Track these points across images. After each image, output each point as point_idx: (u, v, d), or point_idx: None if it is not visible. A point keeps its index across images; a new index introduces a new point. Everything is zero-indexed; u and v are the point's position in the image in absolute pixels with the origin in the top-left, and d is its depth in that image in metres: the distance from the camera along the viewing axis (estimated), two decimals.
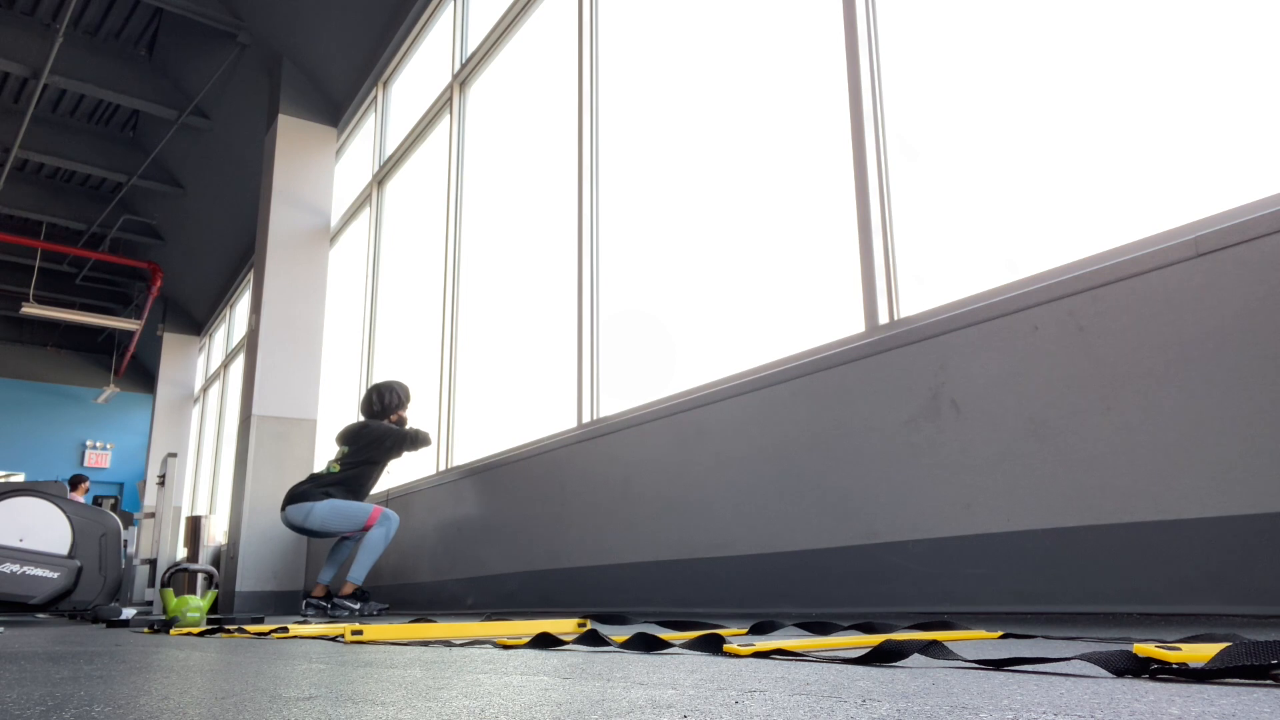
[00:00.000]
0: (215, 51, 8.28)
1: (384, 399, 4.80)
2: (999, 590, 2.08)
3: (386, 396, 4.80)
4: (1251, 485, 1.67)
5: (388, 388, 4.84)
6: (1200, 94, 1.95)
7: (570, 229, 4.24)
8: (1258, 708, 0.66)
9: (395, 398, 4.82)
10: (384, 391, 4.82)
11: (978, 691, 0.81)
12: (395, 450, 4.73)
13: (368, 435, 4.69)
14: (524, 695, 0.88)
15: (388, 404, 4.80)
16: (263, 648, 1.88)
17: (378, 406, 4.79)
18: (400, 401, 4.84)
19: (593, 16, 4.27)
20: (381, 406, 4.79)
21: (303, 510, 4.50)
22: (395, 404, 4.82)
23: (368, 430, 4.70)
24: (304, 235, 7.28)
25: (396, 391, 4.84)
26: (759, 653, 1.28)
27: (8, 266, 13.90)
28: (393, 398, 4.81)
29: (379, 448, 4.67)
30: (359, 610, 4.46)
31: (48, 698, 0.93)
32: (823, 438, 2.59)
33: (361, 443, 4.68)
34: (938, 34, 2.59)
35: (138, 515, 7.96)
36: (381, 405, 4.79)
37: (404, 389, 4.88)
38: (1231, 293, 1.73)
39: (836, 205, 2.81)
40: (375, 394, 4.82)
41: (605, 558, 3.46)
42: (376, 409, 4.79)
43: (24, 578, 4.44)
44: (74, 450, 15.71)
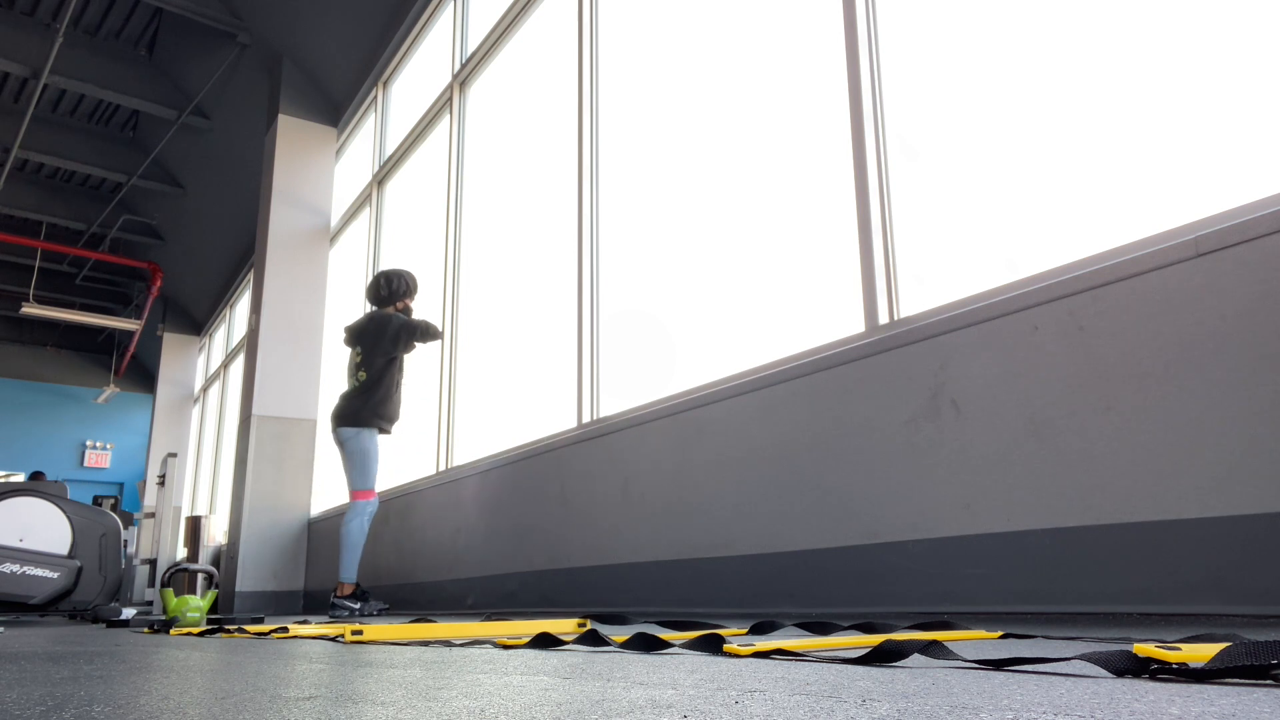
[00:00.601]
0: (215, 51, 8.28)
1: (392, 284, 4.67)
2: (999, 590, 2.08)
3: (394, 282, 4.67)
4: (1251, 485, 1.67)
5: (395, 274, 4.69)
6: (1200, 94, 1.95)
7: (570, 229, 4.24)
8: (1258, 708, 0.66)
9: (404, 284, 4.68)
10: (392, 277, 4.68)
11: (978, 691, 0.81)
12: (406, 340, 4.56)
13: (377, 325, 4.54)
14: (524, 695, 0.88)
15: (395, 289, 4.67)
16: (263, 648, 1.88)
17: (385, 291, 4.66)
18: (408, 289, 4.71)
19: (593, 16, 4.27)
20: (389, 291, 4.66)
21: (349, 433, 4.49)
22: (403, 290, 4.68)
23: (375, 320, 4.56)
24: (304, 235, 7.27)
25: (405, 278, 4.70)
26: (759, 653, 1.28)
27: (8, 266, 13.90)
28: (400, 284, 4.68)
29: (393, 337, 4.52)
30: (359, 610, 4.39)
31: (48, 698, 0.93)
32: (823, 438, 2.59)
33: (371, 337, 4.54)
34: (938, 34, 2.59)
35: (138, 515, 7.96)
36: (389, 290, 4.66)
37: (412, 277, 4.74)
38: (1231, 293, 1.73)
39: (836, 205, 2.81)
40: (383, 279, 4.68)
41: (605, 558, 3.46)
42: (384, 294, 4.66)
43: (24, 578, 4.44)
44: (74, 450, 15.71)
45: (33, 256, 13.19)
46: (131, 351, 15.07)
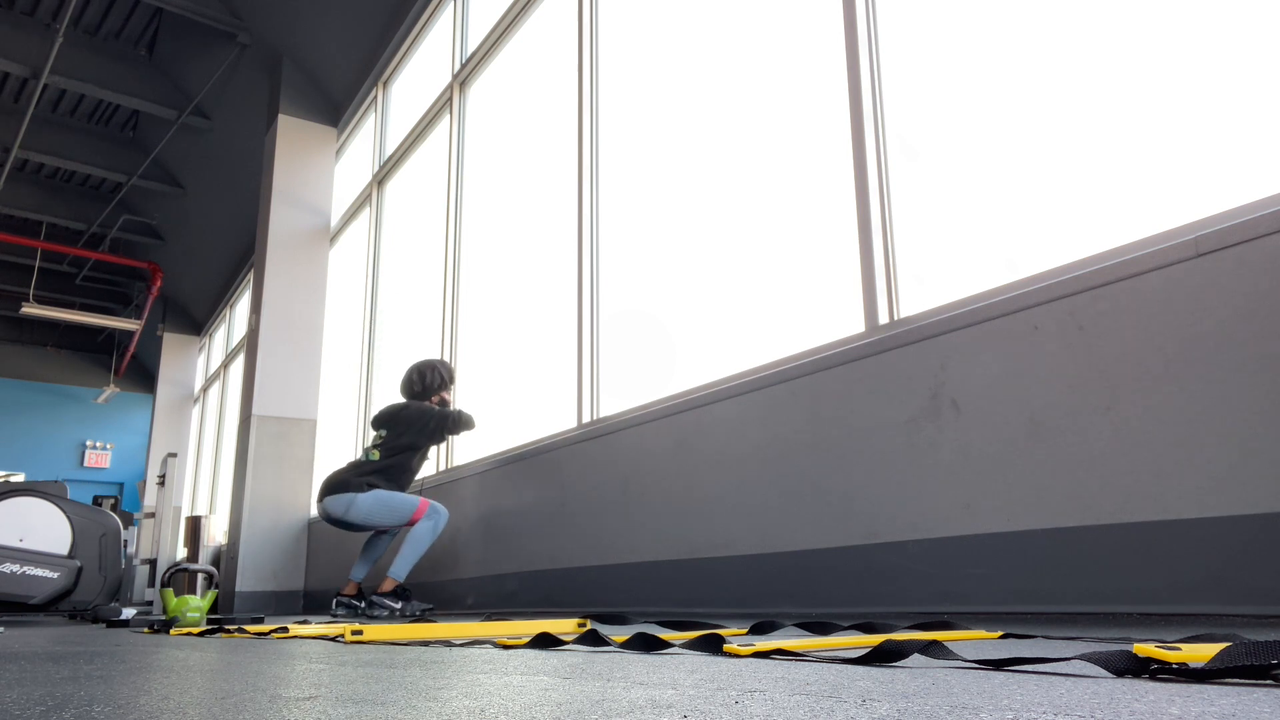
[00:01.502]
0: (215, 51, 8.27)
1: (425, 379, 4.47)
2: (999, 590, 2.08)
3: (429, 376, 4.48)
4: (1251, 485, 1.67)
5: (429, 366, 4.51)
6: (1200, 94, 1.95)
7: (570, 229, 4.24)
8: (1258, 708, 0.66)
9: (438, 377, 4.49)
10: (425, 371, 4.49)
11: (978, 691, 0.81)
12: (438, 433, 4.38)
13: (407, 417, 4.36)
14: (524, 695, 0.88)
15: (429, 384, 4.47)
16: (263, 648, 1.88)
17: (419, 387, 4.47)
18: (444, 382, 4.51)
19: (593, 16, 4.27)
20: (423, 387, 4.47)
21: (344, 502, 4.16)
22: (438, 384, 4.49)
23: (407, 412, 4.37)
24: (304, 235, 7.27)
25: (439, 370, 4.51)
26: (759, 653, 1.28)
27: (8, 266, 13.90)
28: (435, 377, 4.48)
29: (421, 430, 4.34)
30: (399, 610, 4.12)
31: (48, 698, 0.93)
32: (823, 438, 2.59)
33: (401, 426, 4.35)
34: (938, 34, 2.59)
35: (138, 515, 7.96)
36: (423, 385, 4.47)
37: (447, 369, 4.55)
38: (1231, 293, 1.73)
39: (836, 205, 2.81)
40: (416, 373, 4.50)
41: (605, 558, 3.46)
42: (418, 389, 4.47)
43: (24, 578, 4.44)
44: (74, 450, 15.71)
45: (33, 256, 13.19)
46: (131, 351, 15.07)
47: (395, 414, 4.40)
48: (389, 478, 4.27)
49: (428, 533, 4.16)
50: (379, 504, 4.15)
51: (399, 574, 4.14)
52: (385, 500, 4.16)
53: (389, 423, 4.40)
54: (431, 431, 4.35)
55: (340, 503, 4.16)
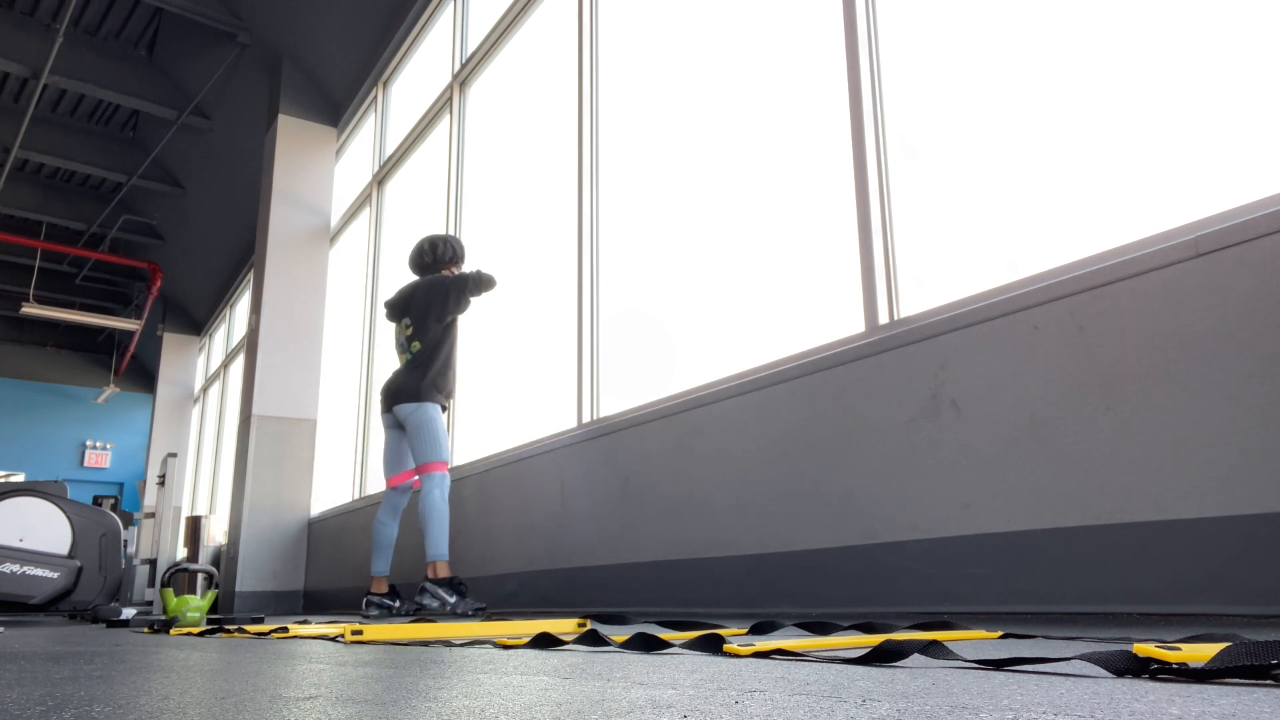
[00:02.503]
0: (215, 51, 8.28)
1: (437, 250, 4.26)
2: (999, 590, 2.08)
3: (440, 247, 4.26)
4: (1251, 485, 1.67)
5: (440, 239, 4.29)
6: (1200, 94, 1.95)
7: (570, 229, 4.24)
8: (1258, 708, 0.66)
9: (450, 250, 4.28)
10: (437, 242, 4.27)
11: (978, 691, 0.81)
12: (462, 298, 4.14)
13: (427, 292, 4.14)
14: (524, 695, 0.88)
15: (440, 255, 4.27)
16: (263, 648, 1.88)
17: (430, 258, 4.26)
18: (455, 255, 4.30)
19: (593, 16, 4.27)
20: (434, 258, 4.26)
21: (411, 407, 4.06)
22: (450, 257, 4.28)
23: (423, 287, 4.17)
24: (304, 235, 7.28)
25: (451, 243, 4.30)
26: (759, 653, 1.28)
27: (8, 266, 13.90)
28: (446, 249, 4.27)
29: (444, 300, 4.12)
30: (452, 605, 3.79)
31: (48, 698, 0.93)
32: (823, 438, 2.59)
33: (423, 304, 4.14)
34: (938, 34, 2.59)
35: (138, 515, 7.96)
36: (434, 257, 4.26)
37: (459, 242, 4.34)
38: (1231, 293, 1.73)
39: (836, 205, 2.81)
40: (428, 244, 4.27)
41: (605, 558, 3.46)
42: (429, 260, 4.26)
43: (24, 578, 4.44)
44: (74, 450, 15.72)
45: (33, 256, 13.20)
46: (131, 351, 15.07)
47: (410, 294, 4.20)
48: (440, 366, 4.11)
49: (439, 500, 3.98)
50: (430, 426, 4.04)
51: (441, 553, 3.89)
52: (432, 427, 4.04)
53: (408, 305, 4.20)
54: (456, 298, 4.13)
55: (408, 408, 4.06)
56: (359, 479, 6.51)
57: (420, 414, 4.05)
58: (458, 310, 4.15)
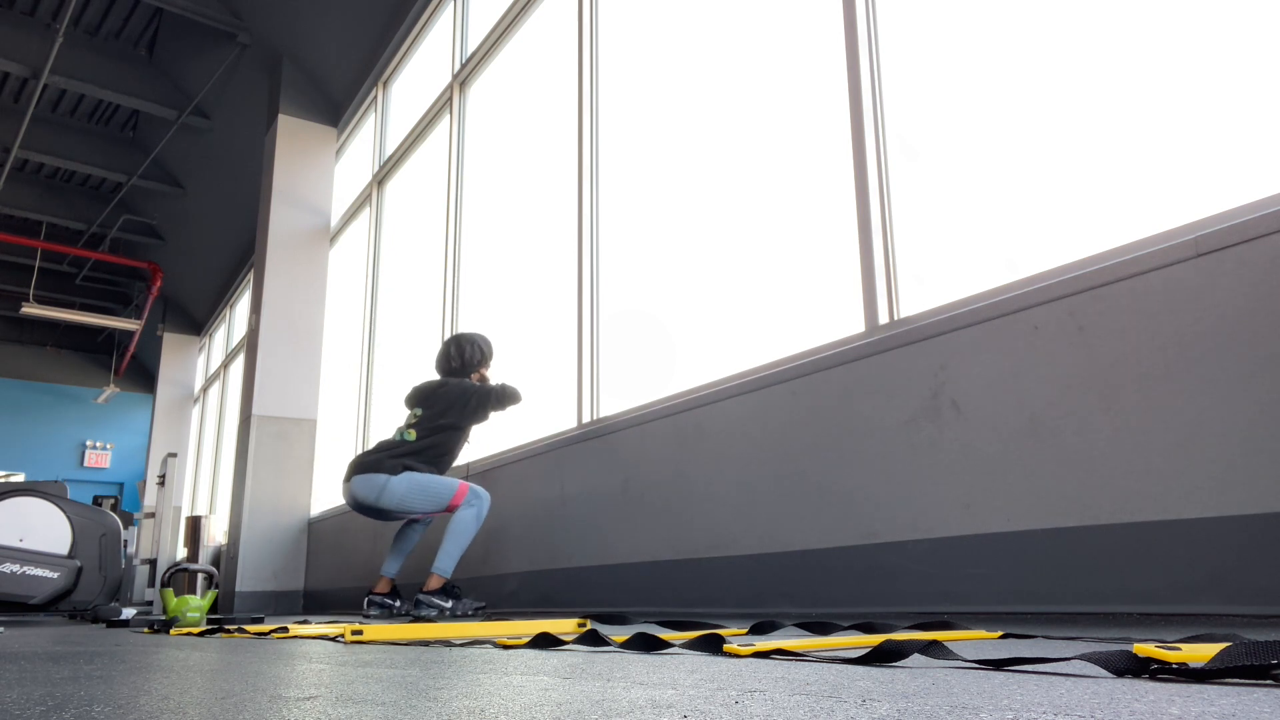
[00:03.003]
0: (215, 51, 8.28)
1: (465, 353, 4.08)
2: (999, 590, 2.08)
3: (468, 351, 4.09)
4: (1251, 485, 1.67)
5: (468, 340, 4.12)
6: (1200, 94, 1.95)
7: (570, 229, 4.23)
8: (1258, 708, 0.66)
9: (478, 352, 4.11)
10: (464, 344, 4.10)
11: (978, 691, 0.81)
12: (481, 410, 3.96)
13: (447, 394, 3.96)
14: (524, 695, 0.88)
15: (468, 359, 4.08)
16: (263, 648, 1.88)
17: (457, 362, 4.08)
18: (484, 357, 4.13)
19: (593, 16, 4.27)
20: (461, 362, 4.08)
21: (375, 484, 3.72)
22: (477, 360, 4.11)
23: (446, 389, 3.98)
24: (304, 235, 7.28)
25: (479, 345, 4.12)
26: (759, 653, 1.28)
27: (8, 266, 13.90)
28: (475, 352, 4.10)
29: (461, 408, 3.93)
30: (450, 609, 3.69)
31: (48, 698, 0.93)
32: (823, 438, 2.59)
33: (441, 404, 3.95)
34: (938, 34, 2.59)
35: (138, 515, 7.96)
36: (461, 361, 4.08)
37: (487, 343, 4.16)
38: (1231, 293, 1.73)
39: (836, 205, 2.81)
40: (455, 347, 4.11)
41: (605, 558, 3.46)
42: (455, 365, 4.08)
43: (24, 578, 4.44)
44: (74, 450, 15.71)
45: (33, 256, 13.20)
46: (131, 351, 15.07)
47: (433, 391, 4.02)
48: (426, 460, 3.88)
49: (471, 520, 3.75)
50: (415, 488, 3.74)
51: (445, 569, 3.72)
52: (421, 483, 3.75)
53: (426, 400, 4.01)
54: (474, 409, 3.95)
55: (371, 486, 3.73)
56: None
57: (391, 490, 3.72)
58: (474, 420, 3.99)
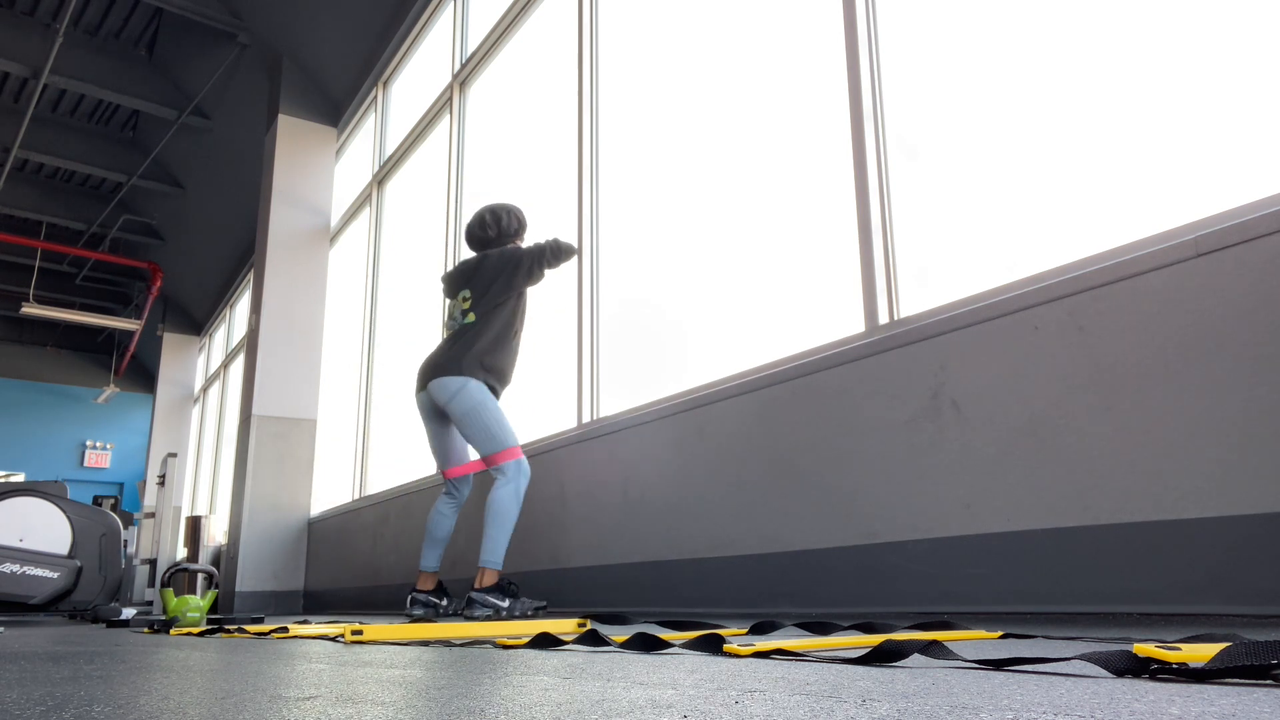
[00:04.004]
0: (215, 51, 8.28)
1: (500, 221, 3.70)
2: (999, 590, 2.08)
3: (504, 219, 3.70)
4: (1251, 485, 1.67)
5: (503, 208, 3.72)
6: (1200, 94, 1.95)
7: (570, 229, 4.23)
8: (1258, 708, 0.66)
9: (515, 220, 3.73)
10: (500, 212, 3.71)
11: (978, 691, 0.81)
12: (537, 269, 3.56)
13: (495, 264, 3.57)
14: (524, 695, 0.88)
15: (505, 228, 3.71)
16: (263, 648, 1.88)
17: (494, 230, 3.70)
18: (521, 226, 3.76)
19: (593, 16, 4.27)
20: (499, 231, 3.70)
21: (451, 386, 3.43)
22: (514, 229, 3.73)
23: (490, 259, 3.59)
24: (304, 235, 7.28)
25: (515, 213, 3.73)
26: (759, 653, 1.28)
27: (8, 266, 13.90)
28: (511, 220, 3.71)
29: (513, 272, 3.55)
30: (508, 609, 3.33)
31: (48, 698, 0.93)
32: (823, 438, 2.59)
33: (489, 274, 3.56)
34: (938, 33, 2.59)
35: (138, 515, 7.96)
36: (499, 230, 3.70)
37: (522, 212, 3.78)
38: (1231, 293, 1.73)
39: (836, 205, 2.81)
40: (490, 215, 3.70)
41: (605, 558, 3.46)
42: (493, 234, 3.70)
43: (24, 578, 4.44)
44: (74, 450, 15.71)
45: (33, 256, 13.20)
46: (131, 351, 15.07)
47: (476, 266, 3.63)
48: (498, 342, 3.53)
49: (510, 500, 3.40)
50: (481, 410, 3.42)
51: (495, 561, 3.38)
52: (490, 412, 3.43)
53: (471, 278, 3.63)
54: (529, 269, 3.55)
55: (446, 387, 3.43)
56: (359, 479, 6.51)
57: (464, 398, 3.43)
58: (530, 282, 3.59)
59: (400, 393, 6.04)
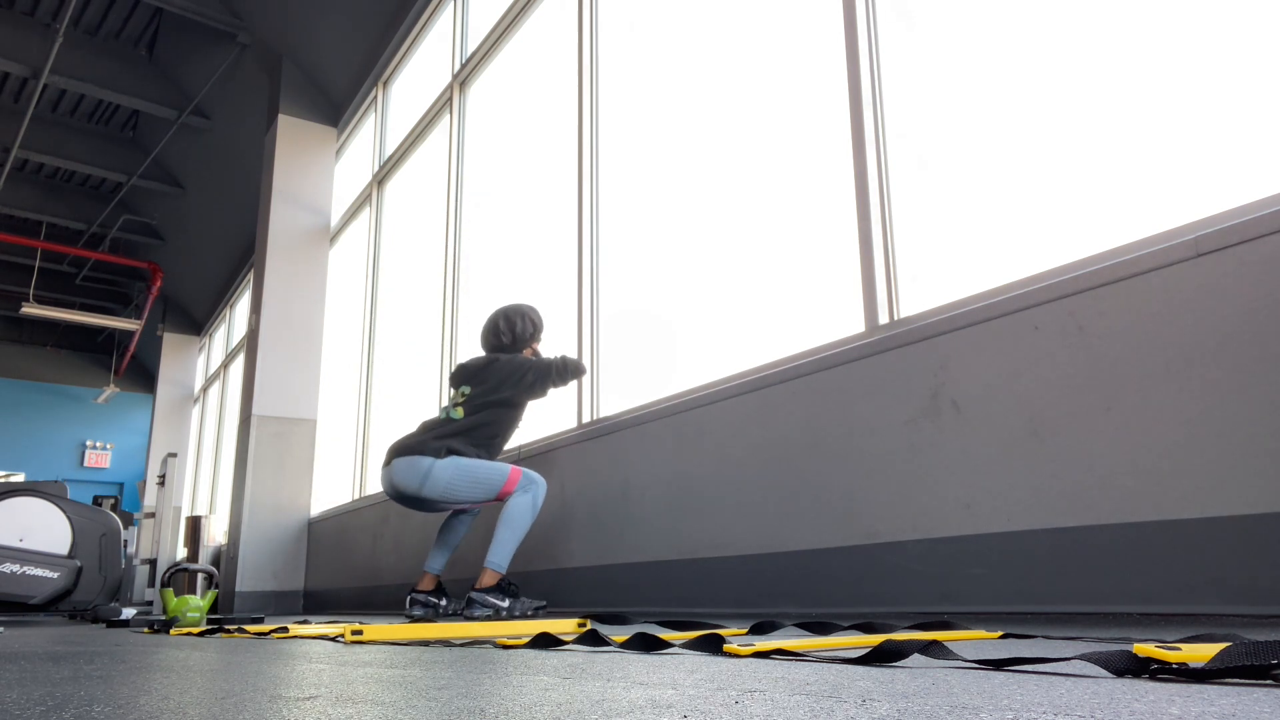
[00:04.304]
0: (215, 51, 8.28)
1: (515, 327, 3.65)
2: (999, 590, 2.08)
3: (519, 324, 3.66)
4: (1251, 485, 1.67)
5: (518, 312, 3.68)
6: (1200, 94, 1.95)
7: (570, 228, 4.23)
8: (1258, 708, 0.66)
9: (530, 325, 3.68)
10: (514, 317, 3.66)
11: (978, 691, 0.81)
12: (540, 386, 3.54)
13: (501, 370, 3.54)
14: (524, 695, 0.88)
15: (520, 334, 3.65)
16: (263, 648, 1.88)
17: (508, 338, 3.65)
18: (535, 330, 3.70)
19: (593, 16, 4.27)
20: (513, 337, 3.64)
21: (418, 470, 3.33)
22: (529, 334, 3.67)
23: (499, 365, 3.55)
24: (304, 235, 7.28)
25: (530, 317, 3.69)
26: (759, 653, 1.28)
27: (8, 266, 13.90)
28: (526, 325, 3.66)
29: (517, 383, 3.51)
30: (507, 609, 3.31)
31: (48, 698, 0.93)
32: (823, 438, 2.59)
33: (493, 380, 3.53)
34: (938, 33, 2.59)
35: (138, 515, 7.96)
36: (513, 336, 3.64)
37: (537, 314, 3.73)
38: (1231, 293, 1.73)
39: (837, 205, 2.81)
40: (504, 320, 3.67)
41: (605, 558, 3.46)
42: (506, 341, 3.65)
43: (24, 578, 4.44)
44: (74, 450, 15.71)
45: (33, 256, 13.20)
46: (131, 351, 15.07)
47: (484, 367, 3.59)
48: (475, 441, 3.47)
49: (526, 508, 3.36)
50: (461, 474, 3.34)
51: (499, 564, 3.33)
52: (468, 469, 3.36)
53: (475, 377, 3.59)
54: (533, 384, 3.53)
55: (413, 472, 3.33)
56: (359, 479, 6.51)
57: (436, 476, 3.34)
58: (532, 396, 3.58)
59: (400, 393, 6.04)
